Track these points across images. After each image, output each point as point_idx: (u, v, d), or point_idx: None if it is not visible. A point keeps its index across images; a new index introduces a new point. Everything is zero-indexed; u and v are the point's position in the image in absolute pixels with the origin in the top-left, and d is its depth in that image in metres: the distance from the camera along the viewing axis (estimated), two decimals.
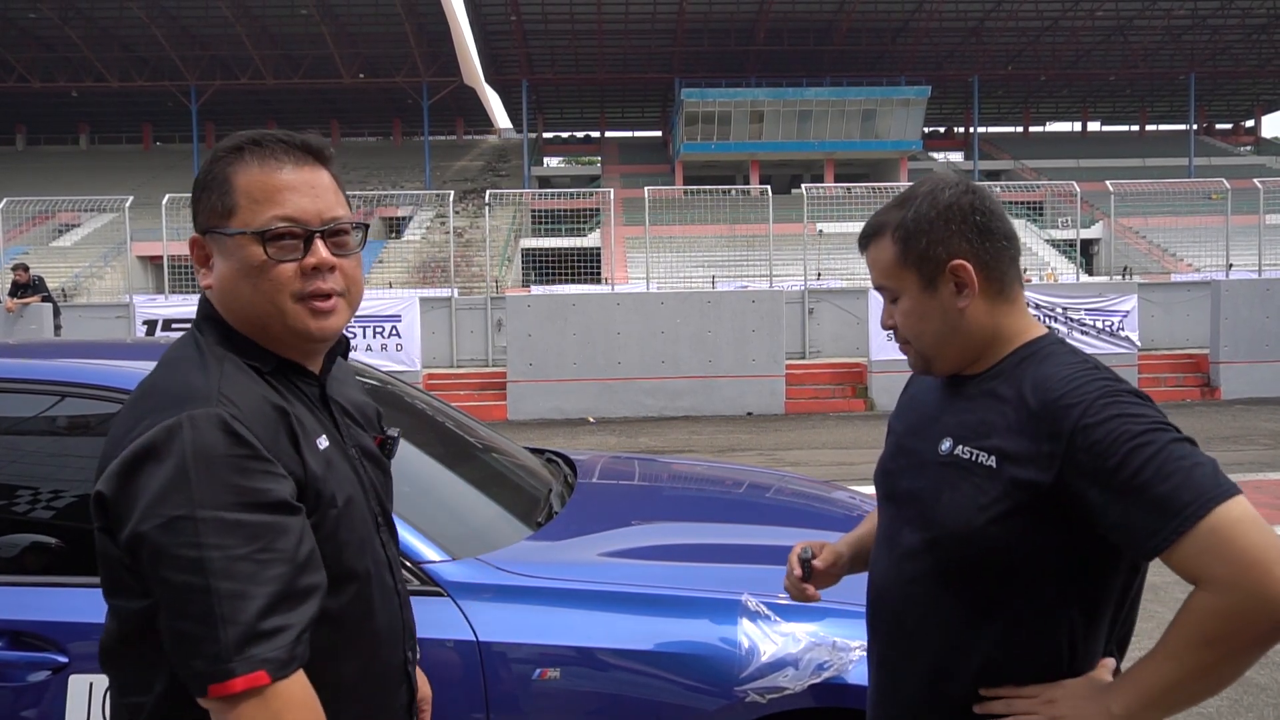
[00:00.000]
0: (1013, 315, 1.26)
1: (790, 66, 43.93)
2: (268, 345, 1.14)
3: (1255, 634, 1.02)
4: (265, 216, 1.10)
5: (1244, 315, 12.31)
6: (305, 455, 1.09)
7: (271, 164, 1.12)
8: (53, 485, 1.93)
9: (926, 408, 1.33)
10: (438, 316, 14.21)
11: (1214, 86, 49.92)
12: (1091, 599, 1.19)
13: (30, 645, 1.70)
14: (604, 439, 10.21)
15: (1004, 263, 1.24)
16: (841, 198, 18.75)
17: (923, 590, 1.25)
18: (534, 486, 2.54)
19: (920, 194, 1.25)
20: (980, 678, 1.21)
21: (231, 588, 0.96)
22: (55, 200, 17.04)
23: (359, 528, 1.16)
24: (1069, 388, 1.14)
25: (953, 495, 1.20)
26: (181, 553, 0.96)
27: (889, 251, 1.26)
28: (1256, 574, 1.00)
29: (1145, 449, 1.06)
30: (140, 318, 12.50)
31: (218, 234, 1.12)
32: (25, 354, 2.14)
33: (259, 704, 0.96)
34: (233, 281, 1.11)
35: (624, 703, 1.76)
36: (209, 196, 1.12)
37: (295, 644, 0.99)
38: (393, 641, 1.22)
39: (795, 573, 1.34)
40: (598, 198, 24.77)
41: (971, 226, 1.22)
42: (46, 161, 46.50)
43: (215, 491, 0.98)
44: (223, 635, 0.95)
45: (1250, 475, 7.20)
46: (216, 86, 41.81)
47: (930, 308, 1.25)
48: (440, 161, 47.13)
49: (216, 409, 1.02)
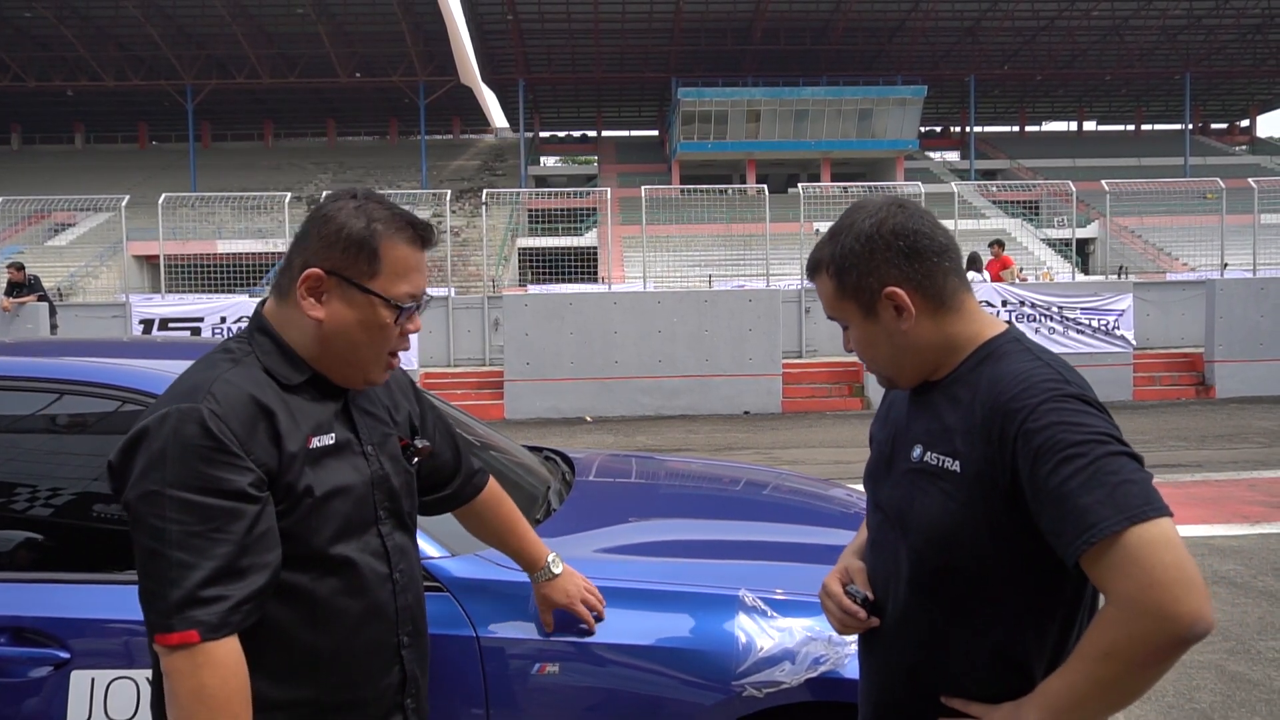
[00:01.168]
0: (962, 322, 1.27)
1: (787, 66, 43.96)
2: (323, 370, 1.34)
3: (1150, 650, 1.03)
4: (400, 291, 1.32)
5: (1239, 314, 12.35)
6: (285, 448, 1.25)
7: (415, 245, 1.34)
8: (52, 482, 1.94)
9: (901, 416, 1.36)
10: (434, 315, 14.21)
11: (1209, 86, 50.06)
12: (1059, 605, 1.20)
13: (32, 641, 1.71)
14: (601, 438, 10.22)
15: (938, 278, 1.25)
16: (838, 197, 18.76)
17: (904, 593, 1.27)
18: (532, 484, 2.55)
19: (844, 227, 1.28)
20: (955, 680, 1.24)
21: (182, 557, 1.15)
22: (51, 199, 17.03)
23: (340, 520, 1.30)
24: (1016, 390, 1.16)
25: (924, 501, 1.23)
26: (151, 521, 1.17)
27: (828, 286, 1.31)
28: (1156, 594, 1.02)
29: (1076, 460, 1.07)
30: (137, 317, 12.49)
31: (354, 286, 1.30)
32: (23, 352, 2.15)
33: (186, 657, 1.15)
34: (349, 328, 1.31)
35: (622, 697, 1.77)
36: (356, 252, 1.30)
37: (230, 612, 1.17)
38: (379, 623, 1.35)
39: (860, 615, 1.32)
40: (594, 197, 24.79)
41: (896, 252, 1.24)
42: (42, 161, 46.39)
43: (183, 475, 1.17)
44: (170, 595, 1.15)
45: (1245, 474, 7.23)
46: (212, 86, 41.73)
47: (875, 334, 1.28)
48: (437, 161, 47.08)
49: (200, 405, 1.21)
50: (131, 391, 1.89)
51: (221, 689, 1.16)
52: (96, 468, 1.97)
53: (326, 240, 1.30)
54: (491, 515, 1.72)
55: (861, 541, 1.49)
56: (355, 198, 1.33)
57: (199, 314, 12.47)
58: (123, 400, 1.89)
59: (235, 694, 1.18)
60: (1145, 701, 3.30)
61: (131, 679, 1.70)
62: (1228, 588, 4.49)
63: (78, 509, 1.93)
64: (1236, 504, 6.15)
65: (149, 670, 1.69)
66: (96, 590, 1.78)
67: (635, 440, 9.93)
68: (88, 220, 31.01)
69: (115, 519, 1.93)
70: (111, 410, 1.91)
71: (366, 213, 1.31)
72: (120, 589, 1.78)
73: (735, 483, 3.06)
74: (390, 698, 1.38)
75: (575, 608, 1.74)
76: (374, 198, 1.34)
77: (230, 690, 1.17)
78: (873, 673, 1.37)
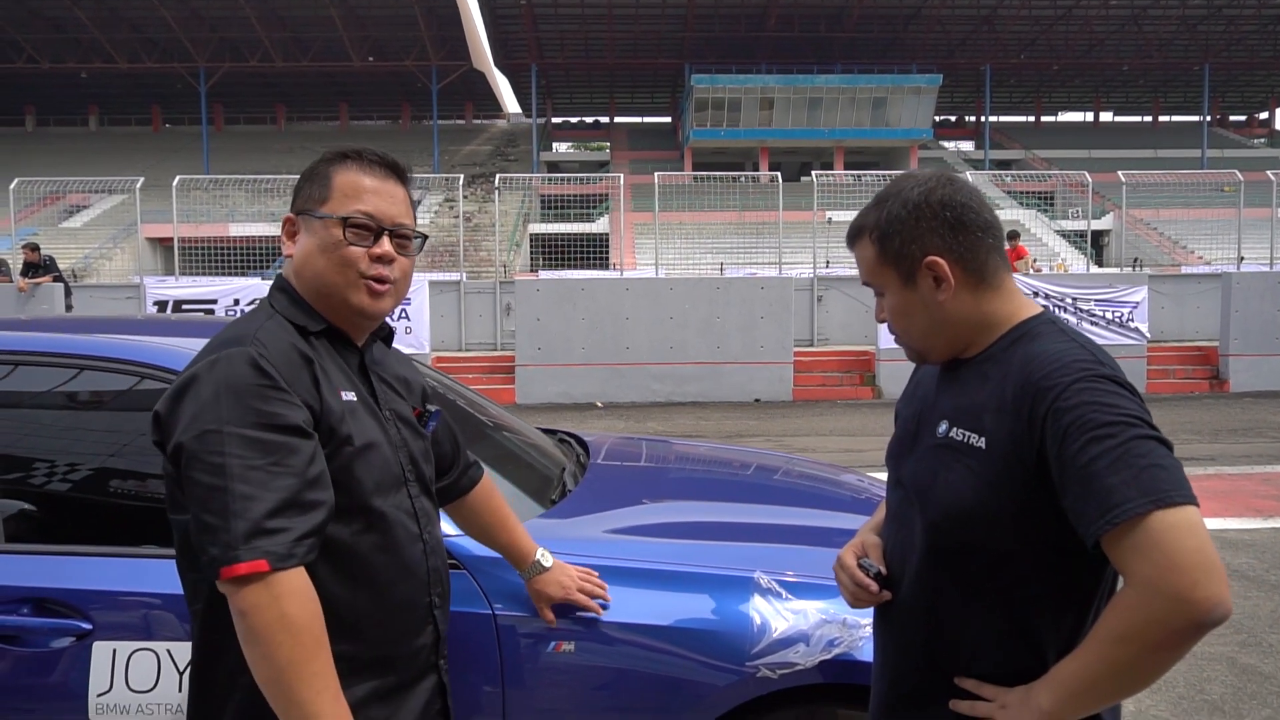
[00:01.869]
0: (1000, 300, 1.28)
1: (801, 53, 43.64)
2: (324, 312, 1.38)
3: (1167, 634, 1.03)
4: (349, 208, 1.37)
5: (1254, 308, 12.26)
6: (324, 395, 1.30)
7: (364, 170, 1.39)
8: (75, 457, 1.96)
9: (928, 393, 1.36)
10: (446, 300, 14.23)
11: (1229, 78, 49.45)
12: (1077, 588, 1.20)
13: (54, 612, 1.73)
14: (612, 423, 10.24)
15: (980, 253, 1.25)
16: (851, 186, 18.66)
17: (919, 569, 1.28)
18: (547, 465, 2.56)
19: (891, 194, 1.29)
20: (968, 659, 1.24)
21: (245, 490, 1.17)
22: (66, 181, 17.10)
23: (377, 472, 1.34)
24: (1050, 369, 1.15)
25: (947, 477, 1.23)
26: (209, 459, 1.19)
27: (869, 251, 1.30)
28: (1175, 577, 1.01)
29: (1106, 440, 1.07)
30: (151, 299, 12.56)
31: (309, 215, 1.38)
32: (44, 328, 2.16)
33: (261, 588, 1.15)
34: (311, 254, 1.37)
35: (636, 677, 1.78)
36: (310, 186, 1.39)
37: (295, 544, 1.18)
38: (414, 582, 1.39)
39: (872, 588, 1.33)
40: (606, 183, 24.72)
41: (942, 223, 1.24)
42: (56, 143, 46.52)
43: (240, 412, 1.20)
44: (234, 527, 1.15)
45: (1259, 468, 7.19)
46: (225, 69, 41.75)
47: (912, 303, 1.28)
48: (449, 146, 47.03)
49: (248, 349, 1.25)
50: (150, 367, 1.90)
51: (303, 615, 1.17)
52: (116, 442, 1.99)
53: (296, 189, 1.41)
54: (483, 509, 1.73)
55: (879, 519, 1.49)
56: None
57: (212, 296, 12.54)
58: (142, 376, 1.90)
59: (316, 620, 1.19)
60: (1155, 692, 3.30)
61: (153, 651, 1.72)
62: (1240, 581, 4.48)
63: (98, 483, 1.95)
64: (1249, 498, 6.12)
65: (171, 643, 1.72)
66: (118, 563, 1.79)
67: (646, 426, 9.94)
68: (102, 202, 31.13)
69: (134, 494, 1.95)
70: (131, 385, 1.92)
71: (323, 155, 1.42)
72: (141, 563, 1.80)
73: (747, 467, 3.07)
74: (424, 657, 1.41)
75: (574, 598, 1.73)
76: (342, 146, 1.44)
77: (311, 617, 1.18)
78: (887, 650, 1.37)
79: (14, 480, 1.89)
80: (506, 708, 1.75)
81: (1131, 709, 3.18)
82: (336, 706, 1.19)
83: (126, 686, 1.71)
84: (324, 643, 1.20)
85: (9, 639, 1.72)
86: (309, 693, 1.16)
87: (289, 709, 1.17)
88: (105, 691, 1.71)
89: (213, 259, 16.55)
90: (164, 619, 1.75)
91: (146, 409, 1.93)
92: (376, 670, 1.33)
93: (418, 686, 1.40)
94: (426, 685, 1.42)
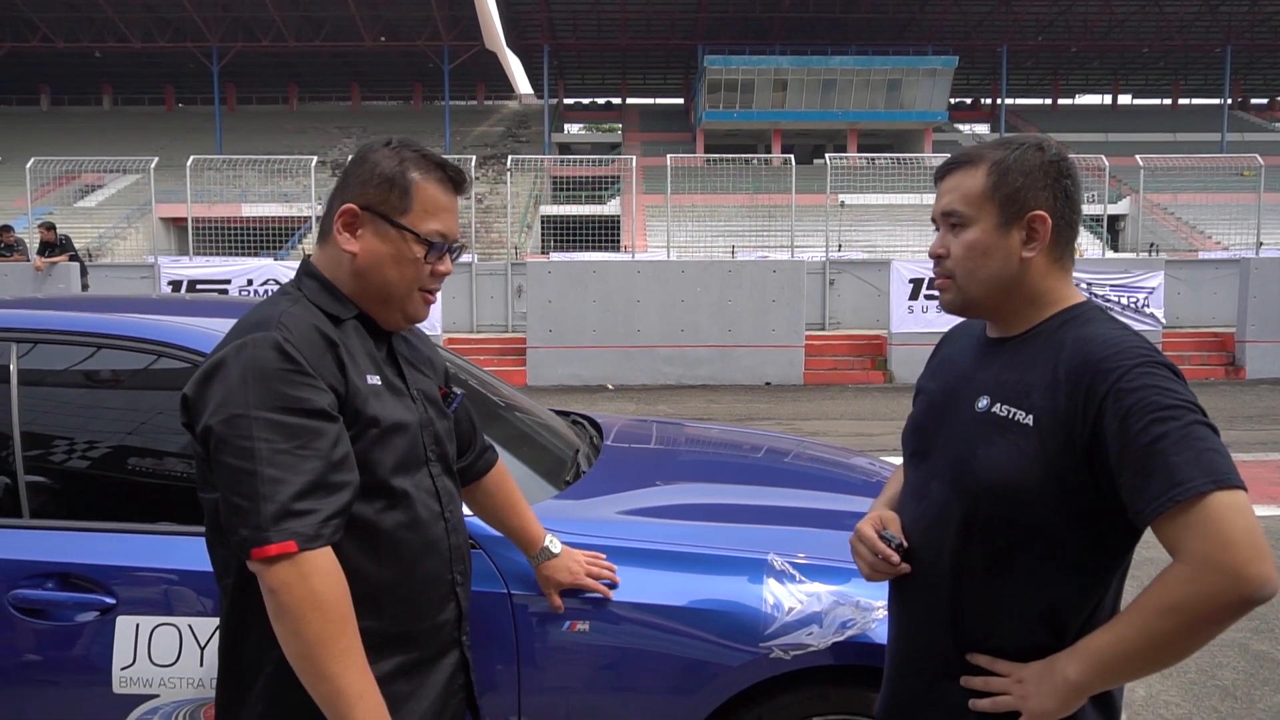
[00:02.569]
0: (1062, 281, 1.31)
1: (815, 34, 43.23)
2: (363, 305, 1.40)
3: (1215, 608, 1.07)
4: (429, 227, 1.38)
5: (1272, 294, 12.13)
6: (350, 378, 1.31)
7: (446, 187, 1.41)
8: (96, 434, 1.98)
9: (962, 367, 1.37)
10: (458, 281, 14.24)
11: (1251, 60, 48.67)
12: (1105, 567, 1.23)
13: (79, 587, 1.76)
14: (622, 406, 10.25)
15: (1071, 230, 1.31)
16: (865, 169, 18.56)
17: (948, 540, 1.29)
18: (560, 447, 2.57)
19: (1025, 143, 1.31)
20: (991, 631, 1.26)
21: (273, 473, 1.20)
22: (81, 160, 17.14)
23: (401, 452, 1.36)
24: (1109, 351, 1.18)
25: (988, 451, 1.24)
26: (238, 442, 1.21)
27: (978, 181, 1.29)
28: (1231, 553, 1.06)
29: (1170, 422, 1.11)
30: (165, 279, 12.62)
31: (386, 220, 1.37)
32: (61, 307, 2.18)
33: (290, 566, 1.19)
34: (383, 261, 1.38)
35: (650, 656, 1.79)
36: (390, 189, 1.37)
37: (322, 524, 1.21)
38: (435, 558, 1.41)
39: (894, 559, 1.34)
40: (618, 165, 24.63)
41: (1060, 188, 1.28)
42: (70, 122, 46.63)
43: (266, 396, 1.23)
44: (263, 509, 1.19)
45: (1273, 455, 7.15)
46: (238, 48, 41.72)
47: (997, 246, 1.28)
48: (460, 126, 46.93)
49: (273, 333, 1.27)
50: (167, 346, 1.92)
51: (332, 594, 1.21)
52: (135, 420, 2.01)
53: (362, 179, 1.38)
54: (496, 492, 1.74)
55: (892, 493, 1.50)
56: (390, 144, 1.41)
57: (226, 276, 12.58)
58: (159, 354, 1.92)
59: (344, 599, 1.23)
60: (1167, 678, 3.31)
61: (174, 626, 1.75)
62: None
63: (119, 460, 1.97)
64: (1265, 485, 6.09)
65: (193, 618, 1.75)
66: (140, 539, 1.82)
67: (656, 409, 9.96)
68: (116, 182, 31.24)
69: (154, 471, 1.97)
70: (148, 364, 1.94)
71: (400, 155, 1.39)
72: (163, 539, 1.82)
73: (759, 449, 3.07)
74: (447, 632, 1.44)
75: (583, 582, 1.75)
76: (409, 143, 1.42)
77: (339, 595, 1.22)
78: (907, 622, 1.38)
79: (36, 457, 1.91)
80: (522, 686, 1.77)
81: (1143, 694, 3.19)
82: (364, 681, 1.23)
83: (149, 660, 1.74)
84: (351, 619, 1.23)
85: (35, 613, 1.75)
86: (337, 667, 1.20)
87: (317, 683, 1.21)
88: (129, 665, 1.74)
89: (226, 239, 16.62)
90: (185, 594, 1.77)
91: (164, 387, 1.97)
92: (401, 646, 1.36)
93: (441, 662, 1.43)
94: (449, 661, 1.45)
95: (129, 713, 1.75)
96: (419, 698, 1.38)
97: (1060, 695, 1.18)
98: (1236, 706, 3.10)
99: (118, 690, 1.75)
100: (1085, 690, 1.17)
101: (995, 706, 1.23)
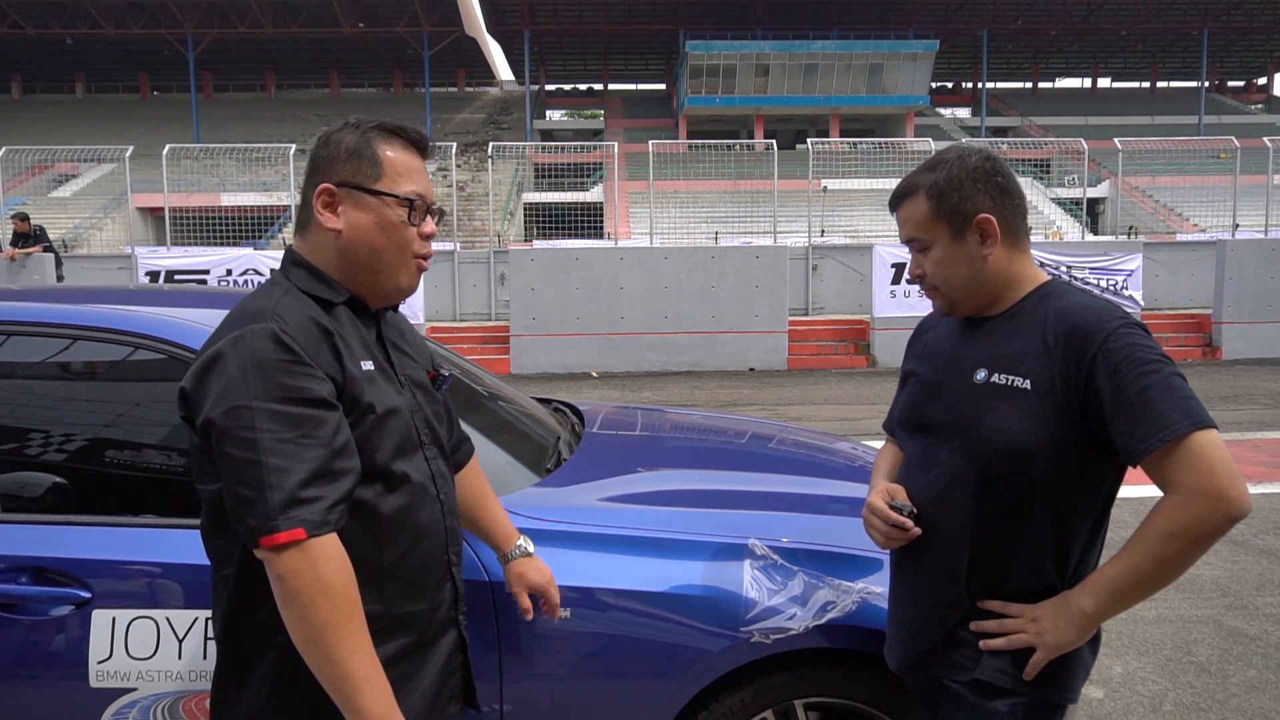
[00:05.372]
0: (1024, 263, 1.48)
1: (797, 19, 43.15)
2: (355, 287, 1.41)
3: (1207, 528, 1.26)
4: (405, 188, 1.39)
5: (1249, 275, 12.28)
6: (346, 365, 1.33)
7: (411, 151, 1.42)
8: (67, 427, 1.96)
9: (950, 348, 1.52)
10: (440, 270, 14.18)
11: (1227, 42, 49.06)
12: (1097, 510, 1.41)
13: (53, 581, 1.74)
14: (607, 393, 10.25)
15: (1018, 218, 1.46)
16: (847, 153, 18.56)
17: (963, 502, 1.42)
18: (542, 435, 2.57)
19: (949, 159, 1.46)
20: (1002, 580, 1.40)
21: (278, 463, 1.21)
22: (55, 150, 16.87)
23: (397, 437, 1.38)
24: (1092, 317, 1.35)
25: (994, 417, 1.39)
26: (241, 434, 1.22)
27: (922, 208, 1.46)
28: (1215, 480, 1.25)
29: (1153, 374, 1.29)
30: (143, 269, 12.48)
31: (361, 190, 1.38)
32: (36, 298, 2.15)
33: (299, 553, 1.21)
34: (367, 230, 1.38)
35: (631, 642, 1.80)
36: (360, 161, 1.38)
37: (328, 511, 1.24)
38: (434, 541, 1.43)
39: (907, 525, 1.44)
40: (601, 152, 24.51)
41: (994, 186, 1.43)
42: (43, 110, 45.94)
43: (266, 387, 1.24)
44: (270, 498, 1.21)
45: (1249, 434, 7.25)
46: (214, 35, 41.13)
47: (958, 256, 1.45)
48: (441, 114, 46.56)
49: (269, 324, 1.27)
50: (144, 337, 1.89)
51: (339, 580, 1.23)
52: (111, 413, 1.99)
53: (330, 159, 1.40)
54: (469, 488, 1.72)
55: (888, 469, 1.61)
56: (349, 122, 1.44)
57: (205, 266, 12.46)
58: (135, 346, 1.90)
59: (350, 584, 1.25)
60: (1144, 655, 3.36)
61: (152, 619, 1.74)
62: (1228, 545, 4.53)
63: (95, 453, 1.95)
64: (1240, 464, 6.10)
65: (170, 610, 1.74)
66: (116, 533, 1.80)
67: (641, 396, 9.96)
68: (91, 171, 30.79)
69: (131, 464, 1.95)
70: (125, 356, 1.92)
71: (360, 128, 1.42)
72: (140, 532, 1.81)
73: (742, 435, 3.08)
74: (445, 613, 1.46)
75: (550, 591, 1.71)
76: (368, 119, 1.44)
77: (346, 581, 1.24)
78: (920, 582, 1.48)
79: (9, 450, 1.89)
80: (503, 674, 1.77)
81: (1120, 671, 3.23)
82: (370, 665, 1.26)
83: (126, 654, 1.73)
84: (358, 605, 1.26)
85: (9, 607, 1.73)
86: (344, 652, 1.23)
87: (325, 668, 1.23)
88: (105, 659, 1.73)
89: (204, 229, 16.44)
90: (163, 587, 1.76)
91: (141, 379, 1.94)
92: (403, 628, 1.39)
93: (440, 642, 1.46)
94: (448, 641, 1.47)
95: (107, 706, 1.74)
96: (420, 677, 1.41)
97: (1077, 626, 1.34)
98: (1211, 682, 3.15)
99: (95, 684, 1.73)
100: (1098, 619, 1.34)
101: (1010, 644, 1.38)
